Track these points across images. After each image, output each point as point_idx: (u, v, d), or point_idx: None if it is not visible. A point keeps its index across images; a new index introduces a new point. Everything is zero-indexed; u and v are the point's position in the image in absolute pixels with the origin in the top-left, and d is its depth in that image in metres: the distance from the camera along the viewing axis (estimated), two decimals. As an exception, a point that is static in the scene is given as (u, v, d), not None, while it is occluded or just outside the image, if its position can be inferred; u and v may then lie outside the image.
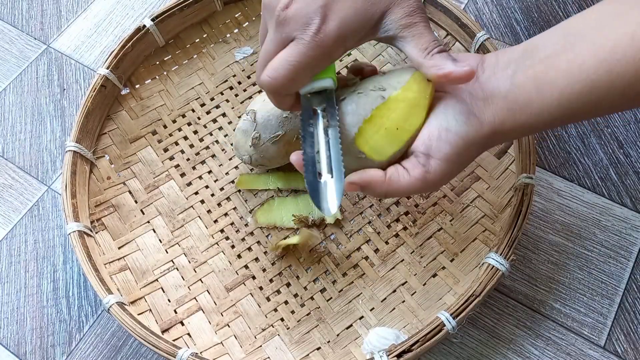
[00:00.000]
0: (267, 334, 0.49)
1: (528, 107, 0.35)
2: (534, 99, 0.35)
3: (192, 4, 0.60)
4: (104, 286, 0.47)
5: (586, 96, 0.34)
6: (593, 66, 0.33)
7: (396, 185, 0.38)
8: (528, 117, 0.36)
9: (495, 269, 0.44)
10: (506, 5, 0.67)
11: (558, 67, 0.34)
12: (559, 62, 0.34)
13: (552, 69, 0.34)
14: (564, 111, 0.35)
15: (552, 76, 0.34)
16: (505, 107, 0.36)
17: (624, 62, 0.32)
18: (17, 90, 0.66)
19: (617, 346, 0.49)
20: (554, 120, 0.36)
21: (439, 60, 0.37)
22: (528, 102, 0.35)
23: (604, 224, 0.54)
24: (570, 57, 0.34)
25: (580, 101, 0.34)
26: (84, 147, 0.54)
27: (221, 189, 0.56)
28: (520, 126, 0.36)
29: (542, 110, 0.35)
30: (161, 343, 0.44)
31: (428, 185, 0.38)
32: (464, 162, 0.39)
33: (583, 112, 0.35)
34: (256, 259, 0.52)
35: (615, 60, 0.32)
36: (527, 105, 0.35)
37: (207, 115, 0.60)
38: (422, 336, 0.42)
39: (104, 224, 0.54)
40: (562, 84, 0.34)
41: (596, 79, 0.33)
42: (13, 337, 0.53)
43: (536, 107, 0.35)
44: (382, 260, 0.51)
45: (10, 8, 0.72)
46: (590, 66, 0.33)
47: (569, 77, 0.34)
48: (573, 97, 0.34)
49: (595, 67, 0.33)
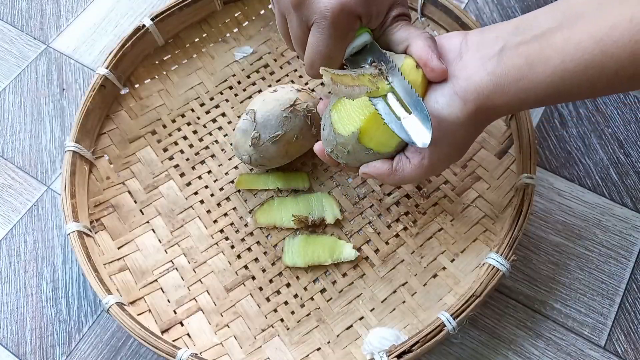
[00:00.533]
0: (267, 334, 0.49)
1: (518, 82, 0.35)
2: (525, 75, 0.35)
3: (191, 4, 0.60)
4: (103, 286, 0.47)
5: (580, 75, 0.33)
6: (589, 46, 0.33)
7: (401, 174, 0.41)
8: (517, 92, 0.36)
9: (496, 269, 0.44)
10: (506, 4, 0.67)
11: (554, 44, 0.34)
12: (554, 39, 0.34)
13: (546, 46, 0.34)
14: (556, 88, 0.35)
15: (547, 53, 0.34)
16: (492, 83, 0.36)
17: (620, 44, 0.32)
18: (17, 90, 0.66)
19: (618, 346, 0.49)
20: (545, 97, 0.36)
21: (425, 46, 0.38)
22: (518, 77, 0.35)
23: (604, 224, 0.54)
24: (567, 36, 0.34)
25: (573, 80, 0.34)
26: (83, 147, 0.54)
27: (221, 189, 0.56)
28: (509, 101, 0.36)
29: (533, 87, 0.35)
30: (161, 343, 0.44)
31: (427, 171, 0.40)
32: (458, 144, 0.40)
33: (576, 91, 0.35)
34: (256, 259, 0.52)
35: (611, 41, 0.32)
36: (517, 80, 0.35)
37: (206, 115, 0.60)
38: (423, 337, 0.42)
39: (104, 224, 0.53)
40: (555, 62, 0.34)
41: (590, 59, 0.33)
42: (13, 337, 0.53)
43: (527, 82, 0.35)
44: (383, 260, 0.51)
45: (10, 8, 0.72)
46: (587, 46, 0.33)
47: (564, 55, 0.34)
48: (566, 75, 0.34)
49: (591, 47, 0.33)
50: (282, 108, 0.51)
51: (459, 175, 0.54)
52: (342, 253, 0.51)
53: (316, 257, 0.50)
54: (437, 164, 0.40)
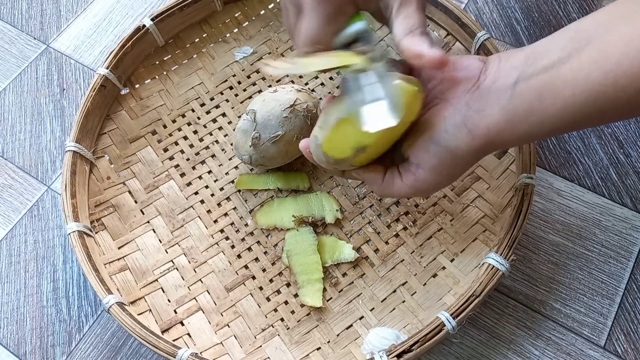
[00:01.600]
0: (267, 334, 0.49)
1: (529, 118, 0.35)
2: (535, 110, 0.34)
3: (192, 4, 0.60)
4: (103, 286, 0.47)
5: (590, 106, 0.33)
6: (599, 77, 0.32)
7: (390, 190, 0.41)
8: (528, 128, 0.35)
9: (496, 269, 0.44)
10: (506, 5, 0.67)
11: (563, 77, 0.33)
12: (564, 71, 0.33)
13: (556, 78, 0.34)
14: (567, 121, 0.34)
15: (556, 86, 0.33)
16: (503, 119, 0.35)
17: (629, 74, 0.31)
18: (17, 90, 0.66)
19: (618, 346, 0.49)
20: (555, 130, 0.35)
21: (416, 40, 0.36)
22: (529, 112, 0.34)
23: (604, 224, 0.54)
24: (576, 67, 0.33)
25: (584, 111, 0.33)
26: (83, 147, 0.54)
27: (221, 189, 0.56)
28: (519, 136, 0.36)
29: (543, 121, 0.34)
30: (161, 343, 0.44)
31: (418, 192, 0.40)
32: (454, 174, 0.39)
33: (586, 121, 0.34)
34: (256, 259, 0.52)
35: (621, 72, 0.31)
36: (527, 116, 0.35)
37: (207, 115, 0.60)
38: (422, 336, 0.42)
39: (104, 224, 0.54)
40: (566, 95, 0.33)
41: (602, 90, 0.32)
42: (13, 337, 0.53)
43: (538, 117, 0.34)
44: (382, 260, 0.51)
45: (10, 8, 0.72)
46: (596, 77, 0.32)
47: (574, 88, 0.33)
48: (577, 108, 0.33)
49: (601, 78, 0.32)
50: (282, 108, 0.51)
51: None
52: (341, 253, 0.51)
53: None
54: (428, 188, 0.40)
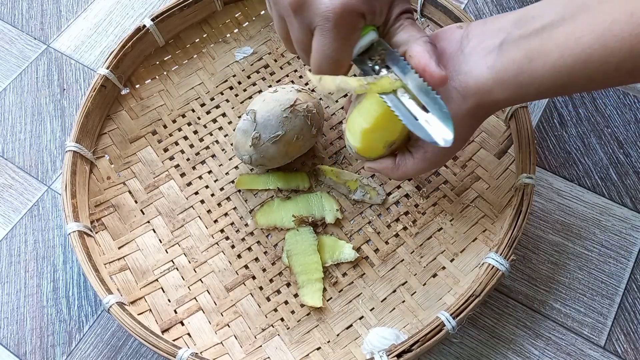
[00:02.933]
0: (267, 334, 0.49)
1: (518, 77, 0.35)
2: (524, 69, 0.35)
3: (192, 4, 0.60)
4: (104, 286, 0.47)
5: (579, 69, 0.33)
6: (589, 41, 0.33)
7: (404, 169, 0.43)
8: (517, 87, 0.35)
9: (495, 269, 0.44)
10: (506, 5, 0.67)
11: (555, 39, 0.34)
12: (556, 34, 0.34)
13: (548, 40, 0.34)
14: (555, 82, 0.35)
15: (547, 48, 0.34)
16: (491, 77, 0.36)
17: (619, 38, 0.32)
18: (17, 90, 0.66)
19: (617, 346, 0.49)
20: (544, 91, 0.36)
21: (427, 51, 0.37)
22: (518, 72, 0.35)
23: (604, 224, 0.54)
24: (568, 30, 0.33)
25: (573, 74, 0.34)
26: (84, 147, 0.54)
27: (221, 189, 0.56)
28: (509, 95, 0.36)
29: (533, 81, 0.35)
30: (161, 343, 0.44)
31: (430, 163, 0.42)
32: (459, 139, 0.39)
33: (576, 84, 0.35)
34: (256, 259, 0.52)
35: (611, 35, 0.32)
36: (517, 75, 0.35)
37: (207, 115, 0.60)
38: (422, 336, 0.42)
39: (104, 224, 0.54)
40: (555, 56, 0.34)
41: (591, 53, 0.33)
42: (13, 337, 0.53)
43: (527, 77, 0.35)
44: (382, 260, 0.51)
45: (10, 8, 0.72)
46: (587, 40, 0.33)
47: (563, 50, 0.33)
48: (565, 70, 0.34)
49: (591, 41, 0.32)
50: (282, 108, 0.51)
51: (459, 175, 0.54)
52: (341, 253, 0.51)
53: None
54: (438, 158, 0.41)
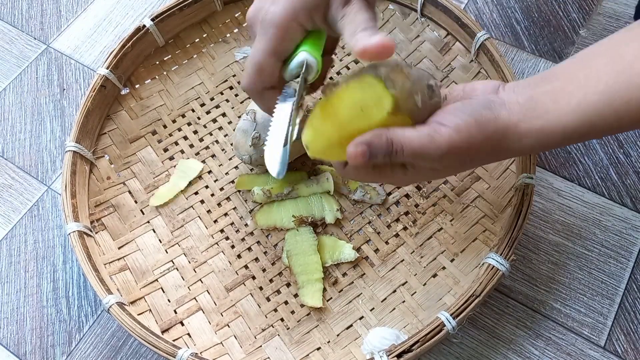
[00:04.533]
0: (267, 334, 0.49)
1: (544, 115, 0.36)
2: (550, 109, 0.35)
3: (192, 4, 0.60)
4: (103, 286, 0.47)
5: (605, 107, 0.34)
6: (611, 78, 0.33)
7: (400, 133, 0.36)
8: (544, 124, 0.36)
9: (496, 269, 0.44)
10: (506, 5, 0.67)
11: (576, 81, 0.35)
12: (576, 78, 0.35)
13: (569, 83, 0.35)
14: (582, 121, 0.35)
15: (570, 89, 0.35)
16: (521, 112, 0.36)
17: None
18: (17, 90, 0.66)
19: (617, 346, 0.49)
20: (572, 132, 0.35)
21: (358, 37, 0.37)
22: (545, 111, 0.36)
23: (604, 224, 0.54)
24: (587, 72, 0.35)
25: (598, 112, 0.34)
26: (83, 147, 0.54)
27: (221, 189, 0.56)
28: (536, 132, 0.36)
29: (558, 119, 0.35)
30: (161, 343, 0.44)
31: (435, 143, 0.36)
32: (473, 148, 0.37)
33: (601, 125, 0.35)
34: (256, 259, 0.52)
35: (634, 72, 0.33)
36: (543, 113, 0.36)
37: (207, 115, 0.60)
38: (422, 336, 0.42)
39: (104, 224, 0.54)
40: (579, 95, 0.34)
41: (615, 90, 0.33)
42: (13, 337, 0.53)
43: (553, 116, 0.35)
44: (382, 260, 0.51)
45: (10, 8, 0.72)
46: (609, 78, 0.33)
47: (586, 88, 0.34)
48: (590, 108, 0.34)
49: (613, 78, 0.33)
50: (282, 108, 0.51)
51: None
52: (341, 253, 0.51)
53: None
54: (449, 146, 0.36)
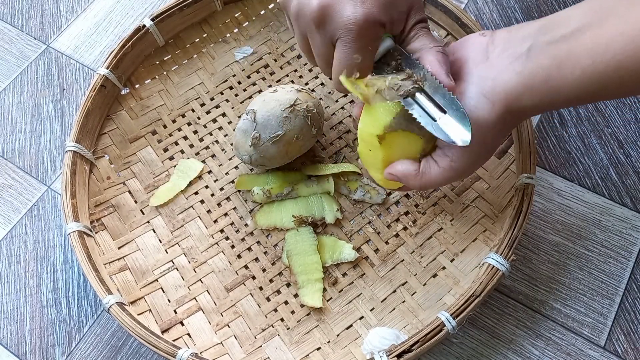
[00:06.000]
0: (267, 334, 0.49)
1: (547, 84, 0.34)
2: (553, 76, 0.34)
3: (192, 4, 0.60)
4: (103, 286, 0.47)
5: (611, 76, 0.32)
6: (620, 46, 0.31)
7: (428, 177, 0.39)
8: (546, 93, 0.34)
9: (496, 269, 0.44)
10: (506, 5, 0.67)
11: (583, 44, 0.33)
12: (583, 39, 0.33)
13: (576, 46, 0.33)
14: (585, 89, 0.34)
15: (576, 54, 0.33)
16: (519, 84, 0.35)
17: None
18: (17, 90, 0.66)
19: (618, 346, 0.49)
20: (574, 98, 0.34)
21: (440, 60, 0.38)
22: (547, 78, 0.34)
23: (604, 224, 0.54)
24: (597, 34, 0.32)
25: (604, 80, 0.33)
26: (83, 147, 0.54)
27: (221, 189, 0.56)
28: (538, 102, 0.35)
29: (562, 87, 0.34)
30: (161, 343, 0.44)
31: (458, 174, 0.39)
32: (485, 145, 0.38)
33: (604, 92, 0.34)
34: (256, 259, 0.52)
35: None
36: (546, 81, 0.34)
37: (207, 115, 0.60)
38: (422, 336, 0.42)
39: (104, 224, 0.53)
40: (585, 63, 0.33)
41: (622, 59, 0.31)
42: (13, 337, 0.53)
43: (555, 83, 0.34)
44: (382, 260, 0.51)
45: (10, 8, 0.72)
46: (618, 45, 0.32)
47: (594, 56, 0.32)
48: (596, 76, 0.33)
49: (622, 46, 0.31)
50: (282, 108, 0.51)
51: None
52: (342, 253, 0.51)
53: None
54: (465, 167, 0.39)
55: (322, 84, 0.60)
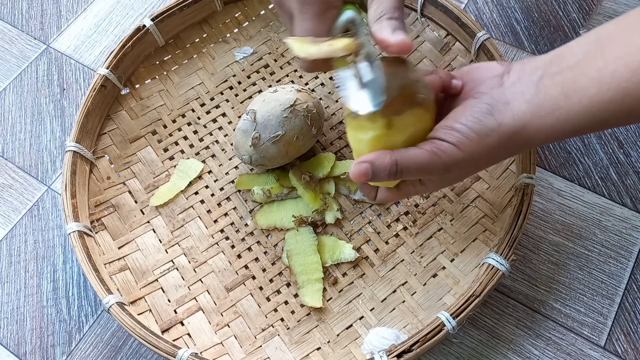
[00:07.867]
0: (267, 334, 0.49)
1: (555, 113, 0.34)
2: (561, 105, 0.34)
3: (192, 4, 0.60)
4: (103, 286, 0.47)
5: (618, 104, 0.33)
6: (626, 74, 0.32)
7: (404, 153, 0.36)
8: (554, 123, 0.35)
9: (496, 269, 0.44)
10: (506, 5, 0.67)
11: (588, 74, 0.33)
12: (588, 69, 0.33)
13: (581, 76, 0.34)
14: (594, 118, 0.34)
15: (582, 83, 0.33)
16: (528, 111, 0.35)
17: None
18: (17, 90, 0.66)
19: (617, 346, 0.49)
20: (581, 128, 0.35)
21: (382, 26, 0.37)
22: (555, 107, 0.34)
23: (604, 224, 0.54)
24: (601, 65, 0.33)
25: (611, 109, 0.33)
26: (83, 147, 0.54)
27: (221, 189, 0.56)
28: (545, 131, 0.35)
29: (569, 117, 0.34)
30: (161, 343, 0.44)
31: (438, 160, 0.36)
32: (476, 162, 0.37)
33: (614, 119, 0.34)
34: (256, 259, 0.52)
35: None
36: (553, 110, 0.34)
37: (207, 115, 0.60)
38: (422, 336, 0.42)
39: (104, 224, 0.54)
40: (592, 92, 0.33)
41: (629, 87, 0.32)
42: (13, 337, 0.53)
43: (563, 113, 0.34)
44: (382, 260, 0.51)
45: (10, 8, 0.72)
46: (623, 74, 0.32)
47: (600, 85, 0.33)
48: (603, 106, 0.33)
49: (628, 75, 0.32)
50: (282, 108, 0.51)
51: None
52: (341, 253, 0.51)
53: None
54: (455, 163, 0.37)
55: (322, 84, 0.60)
